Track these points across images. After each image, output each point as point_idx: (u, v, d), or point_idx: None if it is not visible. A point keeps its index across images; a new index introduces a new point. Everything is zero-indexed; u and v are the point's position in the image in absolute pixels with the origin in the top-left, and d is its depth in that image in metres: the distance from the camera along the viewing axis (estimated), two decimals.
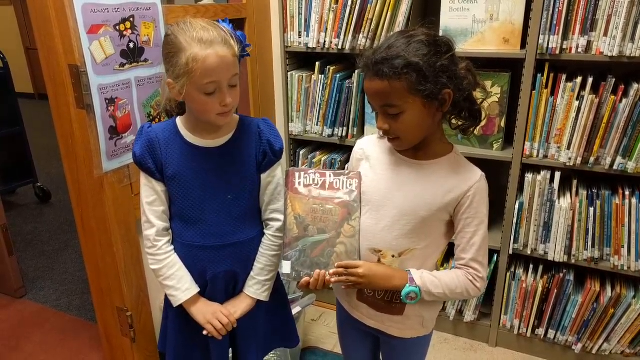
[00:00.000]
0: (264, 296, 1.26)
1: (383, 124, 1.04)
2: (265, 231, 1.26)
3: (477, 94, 1.09)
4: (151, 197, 1.18)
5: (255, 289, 1.25)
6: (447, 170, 1.08)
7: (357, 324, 1.24)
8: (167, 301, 1.27)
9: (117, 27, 1.42)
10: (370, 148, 1.18)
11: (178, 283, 1.20)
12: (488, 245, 1.11)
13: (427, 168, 1.09)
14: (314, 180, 1.10)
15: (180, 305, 1.21)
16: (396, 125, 1.02)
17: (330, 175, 1.10)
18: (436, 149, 1.10)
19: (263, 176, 1.21)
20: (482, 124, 1.85)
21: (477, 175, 1.08)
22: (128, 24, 1.45)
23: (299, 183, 1.11)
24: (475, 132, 1.84)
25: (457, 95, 1.01)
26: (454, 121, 1.10)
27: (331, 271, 1.07)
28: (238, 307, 1.24)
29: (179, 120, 1.18)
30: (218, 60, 1.03)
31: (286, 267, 1.11)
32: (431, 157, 1.09)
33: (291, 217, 1.11)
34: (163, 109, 1.24)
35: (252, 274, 1.25)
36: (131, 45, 1.47)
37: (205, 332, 1.21)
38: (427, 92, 0.97)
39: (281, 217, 1.23)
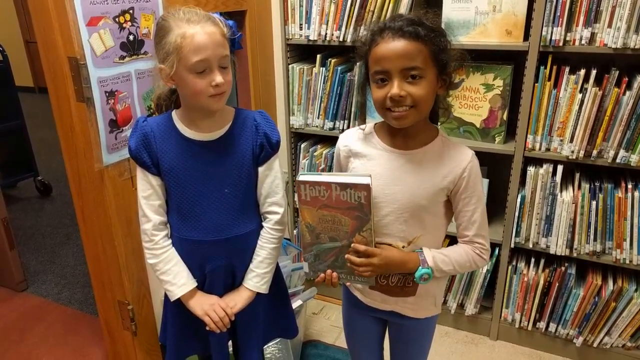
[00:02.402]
0: (263, 289, 1.26)
1: (400, 90, 0.99)
2: (263, 224, 1.25)
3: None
4: (147, 191, 1.17)
5: (255, 281, 1.24)
6: (438, 155, 1.10)
7: (366, 310, 1.26)
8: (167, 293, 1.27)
9: (117, 19, 1.41)
10: (355, 144, 1.17)
11: (174, 278, 1.19)
12: (487, 219, 1.15)
13: (419, 156, 1.10)
14: (319, 192, 1.07)
15: (179, 299, 1.21)
16: (416, 90, 1.00)
17: (336, 188, 1.04)
18: (424, 134, 1.11)
19: (260, 169, 1.20)
20: (482, 117, 1.84)
21: (468, 155, 1.10)
22: (128, 16, 1.44)
23: (306, 195, 1.08)
24: (477, 125, 1.86)
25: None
26: None
27: (346, 256, 1.10)
28: (237, 300, 1.24)
29: (174, 114, 1.18)
30: (206, 37, 1.04)
31: (305, 267, 1.16)
32: (420, 144, 1.10)
33: (302, 225, 1.12)
34: (154, 105, 1.23)
35: (251, 266, 1.25)
36: (131, 37, 1.46)
37: (207, 328, 1.22)
38: (443, 63, 1.01)
39: (280, 209, 1.23)
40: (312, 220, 1.10)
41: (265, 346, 1.61)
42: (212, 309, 1.21)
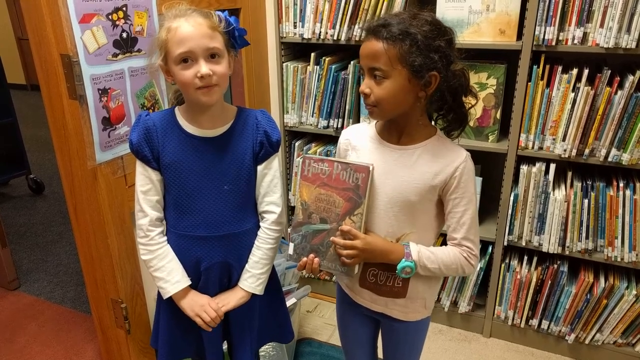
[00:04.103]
0: (258, 290, 1.25)
1: (365, 87, 1.05)
2: (261, 224, 1.25)
3: (471, 99, 1.11)
4: (146, 186, 1.17)
5: (250, 282, 1.24)
6: (432, 153, 1.10)
7: (359, 308, 1.26)
8: (159, 295, 1.26)
9: (110, 17, 1.40)
10: (356, 137, 1.20)
11: (168, 275, 1.19)
12: (478, 223, 1.14)
13: (412, 153, 1.11)
14: (321, 169, 1.12)
15: (171, 298, 1.21)
16: (377, 90, 1.04)
17: (337, 166, 1.10)
18: (419, 133, 1.12)
19: (259, 168, 1.21)
20: (473, 118, 1.85)
21: (462, 155, 1.10)
22: (121, 13, 1.43)
23: (308, 171, 1.13)
24: (471, 123, 1.86)
25: (443, 84, 1.03)
26: (440, 122, 1.14)
27: (331, 238, 1.11)
28: (230, 299, 1.23)
29: (177, 110, 1.19)
30: (190, 28, 1.05)
31: (290, 248, 1.18)
32: (415, 142, 1.12)
33: (298, 203, 1.15)
34: (170, 102, 1.25)
35: (247, 267, 1.24)
36: (124, 35, 1.45)
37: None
38: (415, 65, 1.00)
39: (277, 209, 1.23)
40: (309, 198, 1.13)
41: None
42: (203, 310, 1.20)
